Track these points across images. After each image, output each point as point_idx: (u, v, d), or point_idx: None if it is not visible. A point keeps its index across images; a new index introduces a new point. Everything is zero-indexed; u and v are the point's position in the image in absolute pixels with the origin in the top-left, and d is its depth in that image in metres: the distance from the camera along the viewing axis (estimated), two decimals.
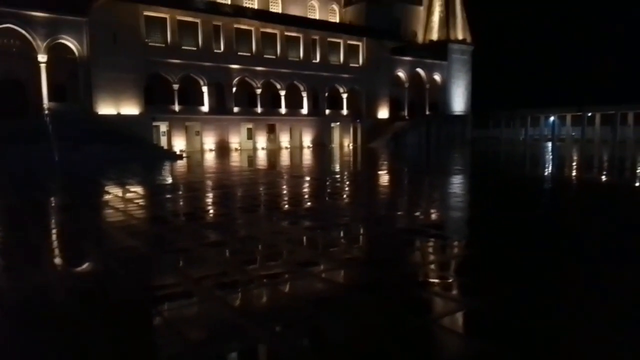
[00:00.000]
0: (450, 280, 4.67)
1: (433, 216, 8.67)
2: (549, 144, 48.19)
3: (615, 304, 3.86)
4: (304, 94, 43.77)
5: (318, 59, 44.10)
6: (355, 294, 4.25)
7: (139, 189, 13.27)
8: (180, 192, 12.65)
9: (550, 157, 27.49)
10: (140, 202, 10.64)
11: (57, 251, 6.29)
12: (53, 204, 11.10)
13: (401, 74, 50.76)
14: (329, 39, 44.57)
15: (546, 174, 17.29)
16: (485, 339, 3.28)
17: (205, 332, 3.56)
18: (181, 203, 10.80)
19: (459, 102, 56.30)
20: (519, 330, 3.39)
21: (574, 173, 17.51)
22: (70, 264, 5.59)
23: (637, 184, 13.67)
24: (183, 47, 36.46)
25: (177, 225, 7.88)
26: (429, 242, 6.45)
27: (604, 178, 15.75)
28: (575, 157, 26.33)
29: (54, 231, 7.73)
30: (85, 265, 5.61)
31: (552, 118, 63.24)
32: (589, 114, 57.41)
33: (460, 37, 55.21)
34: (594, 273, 4.71)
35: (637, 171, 18.06)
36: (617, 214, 8.44)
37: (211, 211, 9.45)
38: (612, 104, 54.28)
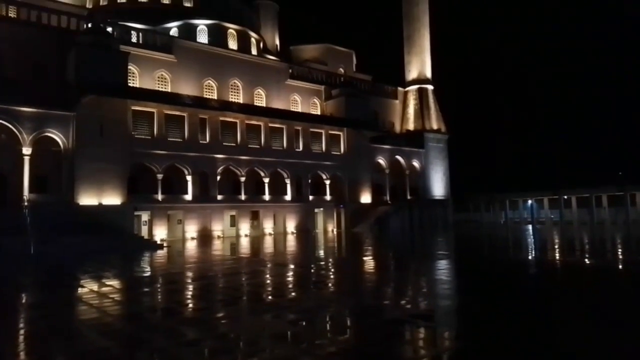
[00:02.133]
0: None
1: (421, 305, 8.45)
2: (530, 227, 48.91)
3: None
4: (288, 181, 44.48)
5: (301, 148, 45.55)
6: None
7: (115, 283, 12.75)
8: (158, 285, 12.19)
9: (533, 240, 27.75)
10: (116, 297, 10.17)
11: (22, 355, 5.84)
12: (23, 300, 10.52)
13: (381, 160, 52.51)
14: (311, 129, 46.45)
15: (530, 257, 17.31)
16: None
17: None
18: (158, 297, 10.37)
19: (438, 186, 57.84)
20: None
21: (558, 256, 17.58)
22: None
23: (620, 267, 13.75)
24: (169, 139, 37.40)
25: (153, 322, 7.48)
26: (417, 333, 6.22)
27: (587, 261, 15.82)
28: (557, 240, 26.61)
29: (21, 331, 7.24)
30: None
31: (530, 201, 64.92)
32: (565, 197, 59.20)
33: (435, 127, 58.27)
34: None
35: (619, 254, 18.24)
36: (606, 301, 8.36)
37: (190, 305, 9.05)
38: (586, 187, 56.32)
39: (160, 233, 36.33)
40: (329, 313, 7.67)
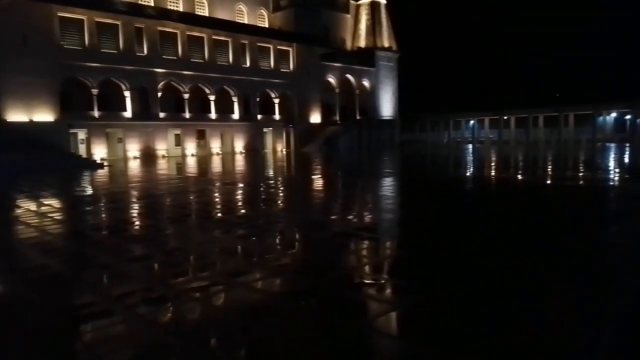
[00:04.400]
0: (383, 282, 4.71)
1: (366, 219, 8.79)
2: (470, 146, 51.27)
3: (536, 297, 4.09)
4: (235, 99, 43.06)
5: (248, 64, 43.63)
6: (290, 302, 4.14)
7: (54, 202, 12.23)
8: (102, 204, 11.83)
9: (471, 158, 29.20)
10: (56, 216, 9.79)
11: None
12: None
13: (332, 79, 51.62)
14: (259, 44, 44.27)
15: (468, 174, 18.29)
16: (417, 340, 3.32)
17: (129, 354, 3.28)
18: (102, 216, 10.09)
19: (387, 107, 58.30)
20: (449, 330, 3.47)
21: (493, 173, 18.68)
22: None
23: (548, 182, 14.86)
24: (102, 50, 34.44)
25: (97, 239, 7.32)
26: (362, 245, 6.51)
27: (519, 177, 16.94)
28: (493, 158, 28.17)
29: None
30: None
31: (472, 122, 67.40)
32: (505, 118, 61.88)
33: (386, 44, 57.26)
34: (513, 269, 4.97)
35: (548, 170, 19.63)
36: (531, 211, 9.08)
37: (136, 223, 8.90)
38: (525, 108, 58.93)
39: (99, 152, 34.78)
40: (279, 229, 7.82)
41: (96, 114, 34.59)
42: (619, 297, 4.10)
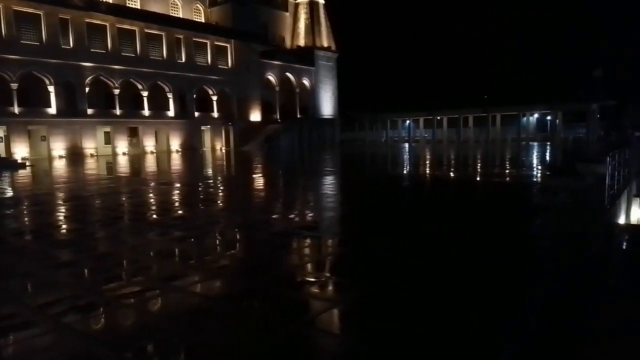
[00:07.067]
0: (323, 280, 4.73)
1: (307, 218, 8.81)
2: (407, 145, 53.09)
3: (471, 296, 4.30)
4: (170, 95, 41.55)
5: (184, 59, 42.25)
6: (229, 305, 4.05)
7: None
8: (24, 207, 10.94)
9: (408, 156, 30.25)
10: None
11: None
12: None
13: (271, 77, 51.28)
14: (195, 39, 43.00)
15: (405, 172, 18.91)
16: (357, 336, 3.36)
17: None
18: (24, 220, 9.33)
19: (327, 106, 58.91)
20: (390, 326, 3.55)
21: (428, 171, 19.46)
22: None
23: (478, 179, 15.72)
24: (22, 42, 31.87)
25: (18, 245, 6.75)
26: (302, 243, 6.51)
27: (452, 175, 17.77)
28: (428, 156, 29.36)
29: None
30: None
31: (407, 121, 69.78)
32: (438, 118, 64.64)
33: (325, 44, 57.82)
34: (452, 257, 5.20)
35: (478, 168, 20.76)
36: (462, 206, 9.55)
37: (62, 227, 8.32)
38: (456, 108, 61.88)
39: (20, 151, 32.27)
40: (218, 229, 7.63)
41: (16, 110, 31.96)
42: (535, 282, 4.41)
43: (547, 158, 25.72)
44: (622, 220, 10.76)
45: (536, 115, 62.07)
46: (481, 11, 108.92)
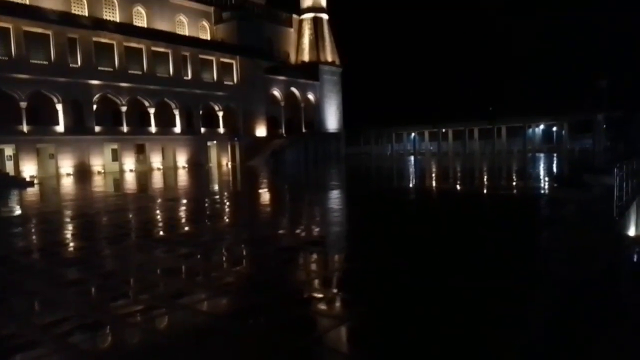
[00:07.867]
0: (330, 296, 4.69)
1: (313, 232, 8.78)
2: (412, 158, 53.02)
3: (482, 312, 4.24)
4: (176, 112, 41.93)
5: (190, 76, 42.72)
6: (235, 322, 4.02)
7: None
8: (31, 225, 11.01)
9: (414, 170, 30.19)
10: None
11: None
12: None
13: (277, 92, 51.65)
14: (201, 56, 43.53)
15: (411, 186, 18.85)
16: (365, 356, 3.32)
17: None
18: (32, 238, 9.38)
19: (332, 120, 59.15)
20: (397, 343, 3.50)
21: (435, 184, 19.37)
22: None
23: (485, 192, 15.62)
24: (32, 61, 32.43)
25: (25, 264, 6.77)
26: (309, 259, 6.48)
27: (460, 188, 17.68)
28: (434, 169, 29.28)
29: None
30: None
31: (412, 134, 69.81)
32: (443, 131, 64.59)
33: (329, 59, 58.30)
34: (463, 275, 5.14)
35: (485, 180, 20.65)
36: (472, 221, 9.48)
37: (69, 245, 8.34)
38: (462, 121, 61.84)
39: (29, 169, 32.55)
40: (224, 245, 7.62)
41: (25, 128, 32.37)
42: (546, 290, 4.34)
43: (554, 169, 25.56)
44: (631, 232, 10.61)
45: (542, 127, 61.85)
46: (485, 24, 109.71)
